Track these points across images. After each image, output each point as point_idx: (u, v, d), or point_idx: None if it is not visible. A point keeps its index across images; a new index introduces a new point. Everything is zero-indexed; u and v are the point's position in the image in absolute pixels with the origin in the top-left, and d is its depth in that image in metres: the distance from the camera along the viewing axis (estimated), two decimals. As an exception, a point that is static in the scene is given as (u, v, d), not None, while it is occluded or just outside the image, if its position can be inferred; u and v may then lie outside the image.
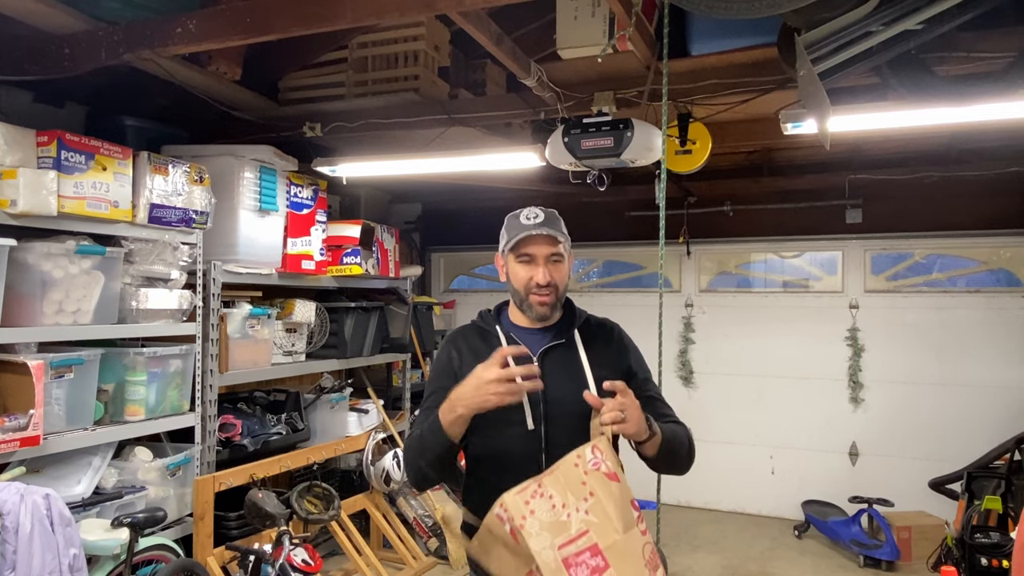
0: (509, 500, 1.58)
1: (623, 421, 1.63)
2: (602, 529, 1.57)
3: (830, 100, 2.55)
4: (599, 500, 1.59)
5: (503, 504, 1.58)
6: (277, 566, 3.17)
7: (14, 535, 2.49)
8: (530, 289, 1.82)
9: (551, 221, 1.83)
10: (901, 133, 4.20)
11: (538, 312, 1.83)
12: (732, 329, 5.98)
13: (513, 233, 1.83)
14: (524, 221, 1.83)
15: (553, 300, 1.83)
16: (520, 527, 1.54)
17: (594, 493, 1.60)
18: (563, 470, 1.62)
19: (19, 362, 2.82)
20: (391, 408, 5.30)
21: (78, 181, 3.00)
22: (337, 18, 2.63)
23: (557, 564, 1.54)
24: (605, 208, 6.11)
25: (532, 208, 1.86)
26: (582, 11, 3.01)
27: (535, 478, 1.61)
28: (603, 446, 1.65)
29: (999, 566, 3.81)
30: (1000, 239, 5.29)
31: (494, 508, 1.58)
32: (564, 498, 1.59)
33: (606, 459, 1.63)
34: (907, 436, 5.44)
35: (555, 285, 1.82)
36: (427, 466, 1.77)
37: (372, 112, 3.90)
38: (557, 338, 1.86)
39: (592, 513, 1.58)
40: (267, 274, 4.13)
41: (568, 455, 1.64)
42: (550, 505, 1.58)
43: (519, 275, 1.83)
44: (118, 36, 2.93)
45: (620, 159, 3.33)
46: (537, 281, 1.80)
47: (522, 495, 1.58)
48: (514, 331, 1.89)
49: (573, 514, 1.58)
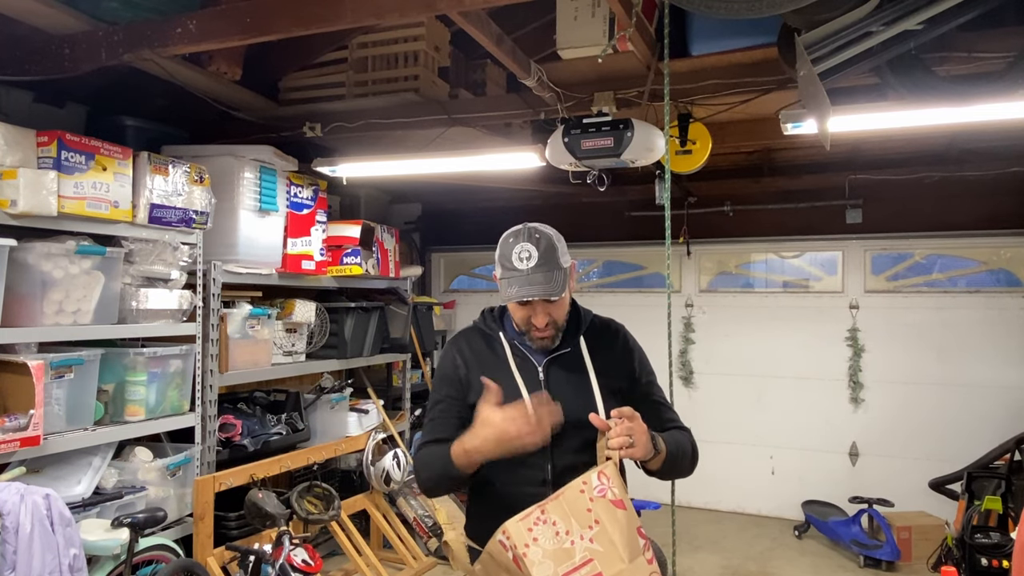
0: (512, 527, 1.56)
1: (631, 446, 1.61)
2: (607, 558, 1.55)
3: (830, 100, 2.55)
4: (604, 528, 1.57)
5: (505, 531, 1.56)
6: (277, 566, 3.17)
7: (14, 535, 2.49)
8: (529, 328, 1.81)
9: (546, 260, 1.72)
10: (901, 133, 4.19)
11: (539, 346, 1.82)
12: (732, 329, 5.98)
13: (505, 276, 1.75)
14: (517, 264, 1.72)
15: (553, 333, 1.81)
16: (523, 555, 1.52)
17: (599, 521, 1.58)
18: (568, 496, 1.60)
19: (19, 362, 2.82)
20: (391, 408, 5.30)
21: (78, 181, 3.00)
22: (337, 18, 2.62)
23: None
24: (605, 208, 6.11)
25: (524, 243, 1.73)
26: (582, 11, 3.01)
27: (538, 504, 1.59)
28: (610, 472, 1.63)
29: (999, 566, 3.81)
30: (1000, 239, 5.29)
31: (496, 535, 1.57)
32: (568, 525, 1.57)
33: (612, 486, 1.61)
34: (907, 436, 5.44)
35: (554, 321, 1.79)
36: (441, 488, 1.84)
37: (372, 112, 3.90)
38: (562, 347, 1.85)
39: (597, 542, 1.56)
40: (267, 274, 4.13)
41: (574, 481, 1.62)
42: (553, 532, 1.56)
43: (516, 313, 1.82)
44: (118, 36, 2.93)
45: (620, 159, 3.33)
46: (536, 324, 1.78)
47: (525, 522, 1.56)
48: (517, 339, 1.87)
49: (577, 541, 1.56)
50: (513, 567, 1.55)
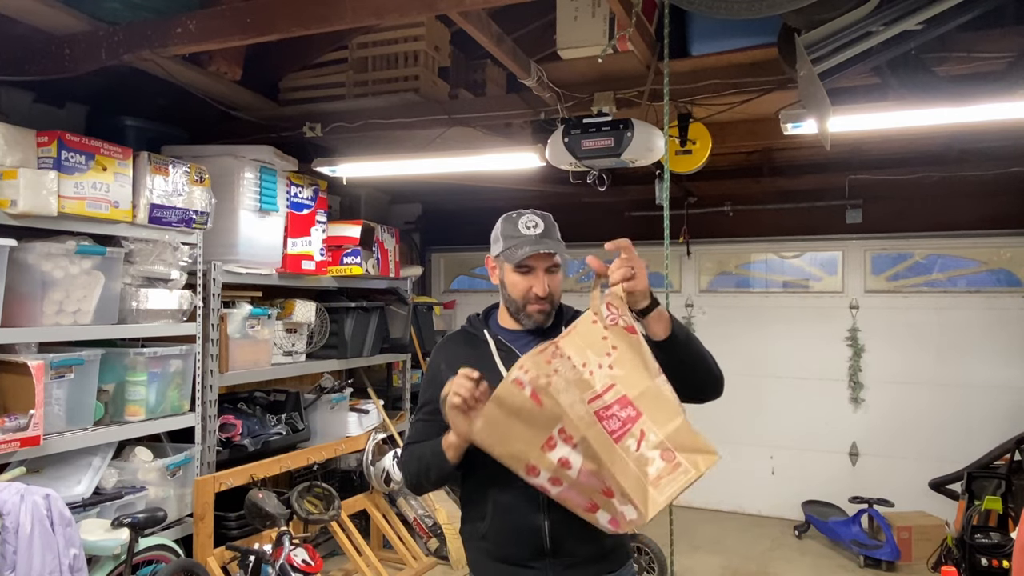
0: (528, 360, 1.52)
1: (633, 277, 1.59)
2: (629, 380, 1.54)
3: (830, 100, 2.55)
4: (622, 352, 1.56)
5: (523, 366, 1.52)
6: (277, 566, 3.17)
7: (14, 535, 2.49)
8: (529, 299, 1.81)
9: (549, 230, 1.81)
10: (901, 133, 4.19)
11: (536, 320, 1.83)
12: (732, 329, 5.98)
13: (511, 243, 1.80)
14: (524, 231, 1.79)
15: (550, 309, 1.83)
16: (547, 385, 1.50)
17: (616, 347, 1.56)
18: (580, 330, 1.58)
19: (19, 362, 2.82)
20: (391, 408, 5.29)
21: (78, 181, 3.00)
22: (337, 18, 2.63)
23: (590, 416, 1.51)
24: (605, 208, 6.11)
25: (530, 215, 1.82)
26: (582, 11, 3.01)
27: (550, 340, 1.57)
28: (616, 303, 1.60)
29: (999, 566, 3.81)
30: (1000, 239, 5.29)
31: (511, 373, 1.52)
32: (584, 357, 1.55)
33: (623, 314, 1.59)
34: (907, 436, 5.44)
35: (553, 295, 1.82)
36: (428, 483, 1.82)
37: (372, 112, 3.90)
38: (546, 338, 1.86)
39: (617, 367, 1.55)
40: (267, 274, 4.13)
41: (584, 314, 1.61)
42: (571, 365, 1.54)
43: (517, 284, 1.82)
44: (118, 36, 2.94)
45: (620, 159, 3.33)
46: (537, 293, 1.79)
47: (543, 355, 1.53)
48: (503, 335, 1.88)
49: (596, 371, 1.54)
50: (530, 404, 1.51)
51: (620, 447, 1.52)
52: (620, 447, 1.52)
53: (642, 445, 1.53)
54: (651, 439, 1.53)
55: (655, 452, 1.53)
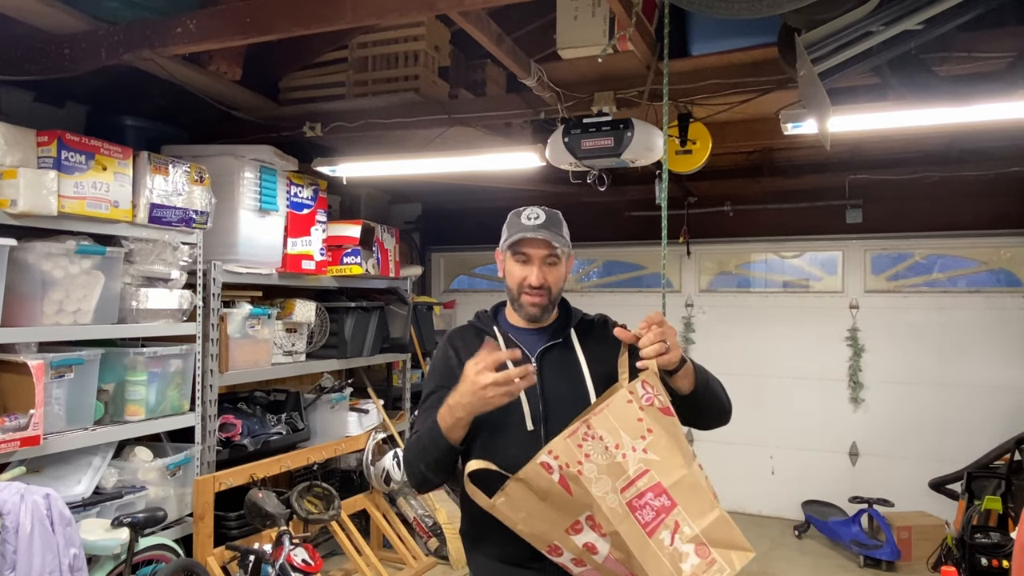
0: (559, 445, 1.47)
1: (667, 351, 1.54)
2: (664, 467, 1.49)
3: (830, 100, 2.55)
4: (658, 436, 1.50)
5: (552, 451, 1.46)
6: (277, 566, 3.17)
7: (14, 535, 2.49)
8: (523, 289, 1.81)
9: (551, 223, 1.82)
10: (901, 133, 4.19)
11: (528, 312, 1.83)
12: (732, 329, 5.98)
13: (512, 231, 1.83)
14: (524, 221, 1.82)
15: (544, 302, 1.82)
16: (578, 473, 1.45)
17: (652, 430, 1.50)
18: (614, 408, 1.52)
19: (19, 362, 2.82)
20: (391, 408, 5.30)
21: (78, 181, 3.00)
22: (337, 18, 2.62)
23: (623, 508, 1.45)
24: (605, 208, 6.11)
25: (535, 208, 1.85)
26: (582, 11, 3.01)
27: (580, 418, 1.52)
28: (652, 380, 1.55)
29: (999, 566, 3.81)
30: (1000, 239, 5.29)
31: (539, 456, 1.47)
32: (617, 438, 1.49)
33: (658, 393, 1.54)
34: (907, 436, 5.44)
35: (548, 287, 1.81)
36: (428, 470, 1.75)
37: (372, 112, 3.89)
38: (554, 338, 1.86)
39: (652, 451, 1.49)
40: (267, 274, 4.13)
41: (618, 392, 1.55)
42: (603, 447, 1.48)
43: (514, 273, 1.83)
44: (118, 36, 2.93)
45: (620, 159, 3.33)
46: (530, 282, 1.79)
47: (572, 439, 1.48)
48: (511, 331, 1.88)
49: (629, 454, 1.48)
50: (558, 489, 1.46)
51: (653, 541, 1.48)
52: (653, 541, 1.48)
53: (676, 539, 1.49)
54: (686, 532, 1.49)
55: (690, 546, 1.49)
